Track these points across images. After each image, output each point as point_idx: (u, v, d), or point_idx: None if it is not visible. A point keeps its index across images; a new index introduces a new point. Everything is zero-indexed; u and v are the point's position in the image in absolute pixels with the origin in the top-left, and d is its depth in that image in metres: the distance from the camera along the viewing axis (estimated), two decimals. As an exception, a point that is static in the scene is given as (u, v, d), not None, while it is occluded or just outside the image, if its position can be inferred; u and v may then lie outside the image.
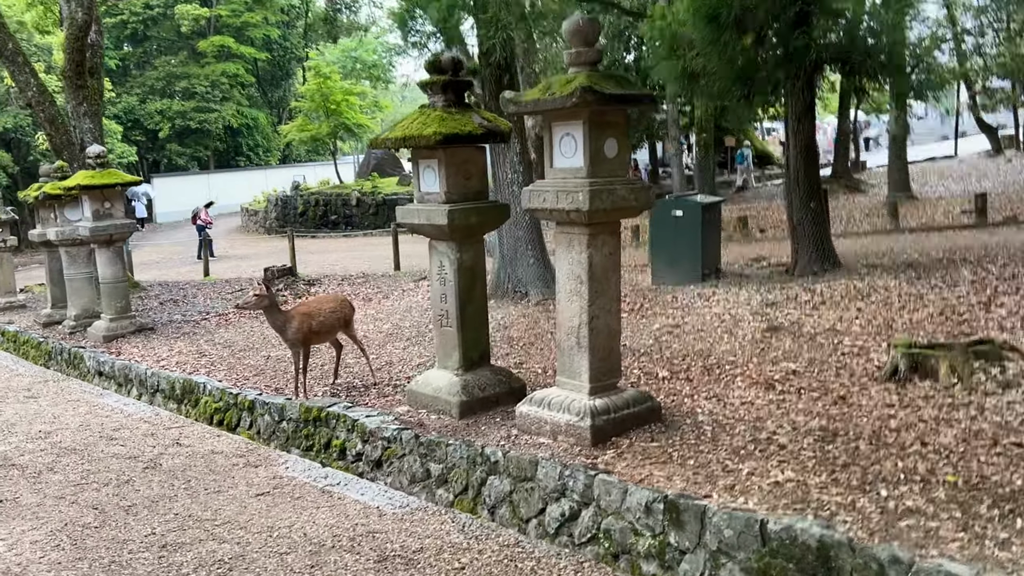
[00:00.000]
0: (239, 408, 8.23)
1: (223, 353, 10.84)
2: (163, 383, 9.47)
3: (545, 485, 5.44)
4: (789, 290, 10.91)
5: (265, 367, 9.85)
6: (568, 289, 6.03)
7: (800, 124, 11.72)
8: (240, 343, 11.39)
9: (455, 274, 6.83)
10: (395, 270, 17.66)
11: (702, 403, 6.70)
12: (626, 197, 5.82)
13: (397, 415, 7.01)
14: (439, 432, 6.48)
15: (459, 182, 6.73)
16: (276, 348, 10.84)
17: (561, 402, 6.02)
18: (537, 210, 5.97)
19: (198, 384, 8.88)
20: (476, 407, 6.83)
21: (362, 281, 16.12)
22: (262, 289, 8.04)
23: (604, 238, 5.96)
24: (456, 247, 6.81)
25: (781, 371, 7.52)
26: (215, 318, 13.78)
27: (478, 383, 6.91)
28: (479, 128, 6.58)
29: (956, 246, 13.49)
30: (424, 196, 6.90)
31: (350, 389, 8.57)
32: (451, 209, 6.58)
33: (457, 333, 6.91)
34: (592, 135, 5.71)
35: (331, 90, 34.58)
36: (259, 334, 11.93)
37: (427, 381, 7.10)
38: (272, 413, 7.79)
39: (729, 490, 4.92)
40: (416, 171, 6.95)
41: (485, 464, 5.86)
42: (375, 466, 6.71)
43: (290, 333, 8.10)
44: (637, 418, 6.09)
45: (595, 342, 5.98)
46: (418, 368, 9.09)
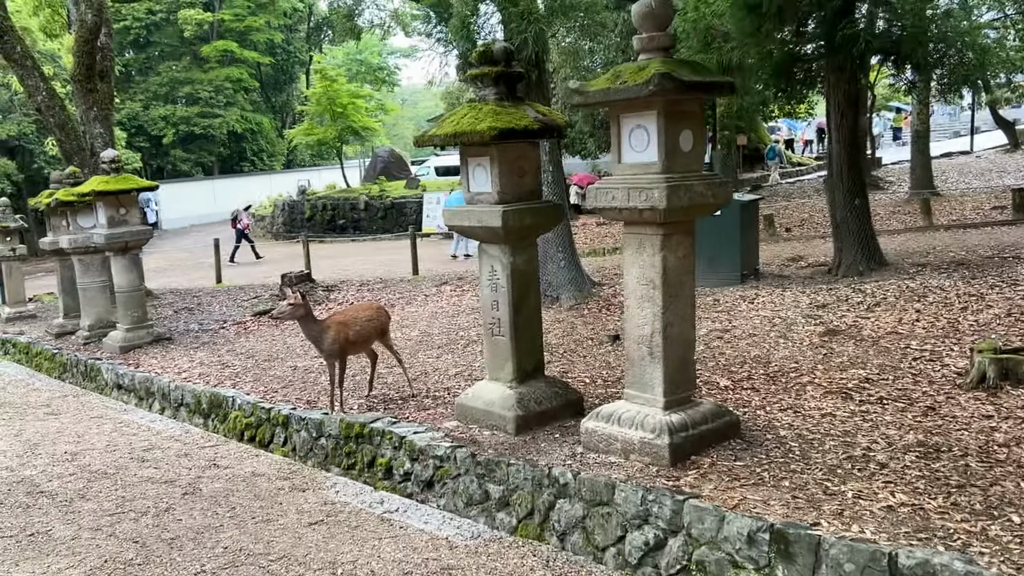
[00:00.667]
0: (272, 423, 7.76)
1: (247, 364, 10.37)
2: (187, 397, 9.00)
3: (625, 510, 4.96)
4: (837, 291, 10.44)
5: (293, 378, 9.38)
6: (638, 294, 5.55)
7: (843, 118, 11.24)
8: (263, 353, 10.92)
9: (508, 279, 6.36)
10: (414, 274, 17.19)
11: (778, 415, 6.22)
12: (703, 193, 5.35)
13: (447, 431, 6.53)
14: (496, 450, 6.01)
15: (513, 181, 6.26)
16: (302, 358, 10.38)
17: (633, 418, 5.54)
18: (605, 209, 5.50)
19: (226, 398, 8.41)
20: (532, 422, 6.35)
21: (381, 287, 15.65)
22: (296, 298, 7.57)
23: (679, 239, 5.49)
24: (509, 250, 6.34)
25: (852, 379, 7.04)
26: (233, 326, 13.32)
27: (534, 396, 6.44)
28: (535, 122, 6.11)
29: (1002, 243, 13.01)
30: (474, 196, 6.43)
31: (387, 402, 8.10)
32: (505, 210, 6.11)
33: (510, 343, 6.44)
34: (667, 127, 5.24)
35: (337, 93, 34.14)
36: (282, 343, 11.47)
37: (478, 394, 6.63)
38: (309, 429, 7.32)
39: (837, 516, 4.44)
40: (465, 170, 6.48)
41: (553, 486, 5.38)
42: (426, 487, 6.24)
43: (326, 344, 7.63)
44: (716, 434, 5.61)
45: (669, 352, 5.51)
46: (455, 378, 8.63)
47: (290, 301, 7.62)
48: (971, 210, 19.21)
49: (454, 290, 14.36)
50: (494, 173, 6.22)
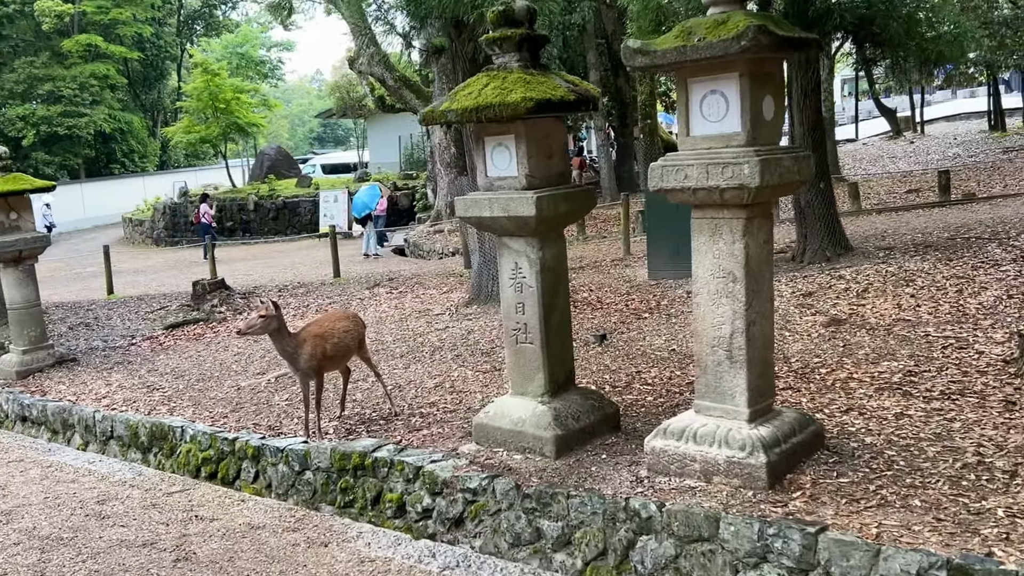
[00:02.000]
0: (238, 457, 6.61)
1: (177, 385, 9.08)
2: (119, 428, 7.70)
3: (735, 547, 4.16)
4: (815, 278, 9.97)
5: (240, 400, 8.20)
6: (712, 289, 4.76)
7: (807, 99, 10.80)
8: (193, 372, 9.63)
9: (537, 277, 5.46)
10: (335, 277, 15.98)
11: (844, 419, 5.56)
12: (791, 169, 4.61)
13: (469, 457, 5.58)
14: (541, 478, 5.11)
15: (541, 162, 5.37)
16: (242, 375, 9.17)
17: (712, 433, 4.75)
18: (674, 190, 4.68)
19: (172, 428, 7.18)
20: (572, 442, 5.48)
21: (304, 292, 14.41)
22: (268, 307, 6.45)
23: (760, 223, 4.74)
24: (538, 244, 5.45)
25: (892, 372, 6.48)
26: (145, 342, 11.87)
27: (570, 411, 5.56)
28: (570, 93, 5.23)
29: (949, 224, 12.90)
30: (493, 182, 5.50)
31: (366, 423, 7.07)
32: (539, 196, 5.21)
33: (541, 351, 5.54)
34: (752, 91, 4.47)
35: (220, 88, 32.16)
36: (211, 360, 10.18)
37: (501, 412, 5.70)
38: (291, 462, 6.22)
39: (1005, 541, 3.77)
40: (481, 152, 5.54)
41: (632, 520, 4.53)
42: (453, 526, 5.28)
43: (303, 360, 6.55)
44: (805, 447, 4.89)
45: (752, 355, 4.74)
46: (437, 392, 7.68)
47: (260, 313, 6.49)
48: (886, 194, 19.39)
49: (390, 292, 13.29)
50: (521, 153, 5.31)
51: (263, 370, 9.34)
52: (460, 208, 5.58)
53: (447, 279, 14.07)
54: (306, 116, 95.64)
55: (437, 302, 11.98)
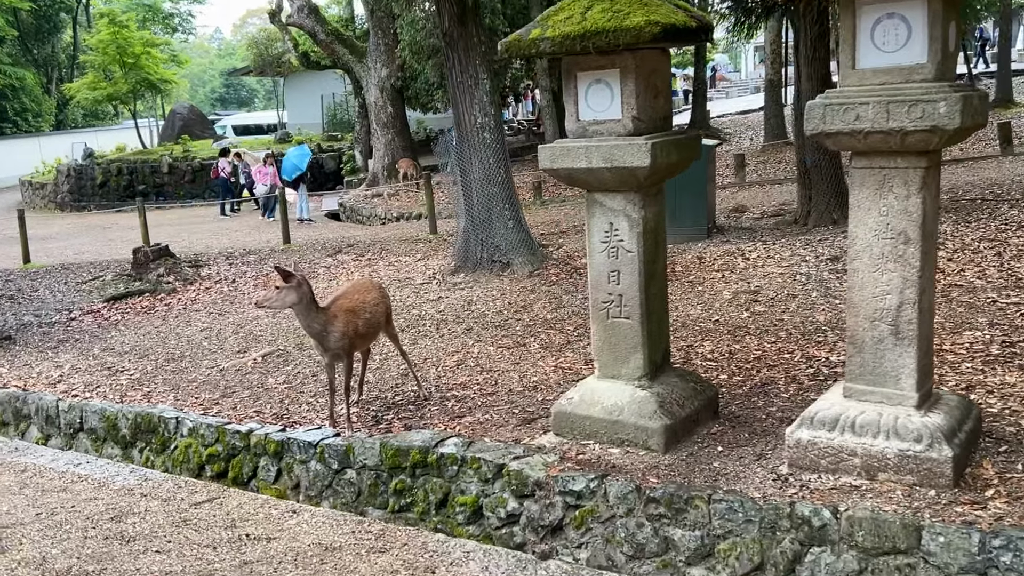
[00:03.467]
0: (255, 453, 5.62)
1: (144, 366, 7.95)
2: (92, 419, 6.58)
3: (944, 561, 3.47)
4: (830, 242, 9.41)
5: (228, 383, 7.16)
6: (877, 253, 4.03)
7: (815, 52, 10.18)
8: (157, 351, 8.49)
9: (638, 241, 4.64)
10: (286, 243, 14.76)
11: (975, 398, 4.93)
12: (979, 109, 3.88)
13: (559, 452, 4.75)
14: (656, 477, 4.33)
15: (648, 102, 4.53)
16: (219, 354, 8.10)
17: (875, 422, 4.04)
18: (838, 134, 3.91)
19: (165, 420, 6.12)
20: (679, 432, 4.71)
21: (256, 260, 13.19)
22: (299, 278, 5.43)
23: (935, 174, 4.02)
24: (641, 200, 4.62)
25: (984, 342, 5.93)
26: (86, 316, 10.57)
27: (674, 397, 4.79)
28: (691, 20, 4.39)
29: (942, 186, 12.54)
30: (587, 127, 4.63)
31: (392, 408, 6.17)
32: (654, 143, 4.37)
33: (640, 327, 4.73)
34: (944, 13, 3.72)
35: (129, 41, 29.91)
36: (174, 336, 9.04)
37: (592, 398, 4.87)
38: (327, 459, 5.27)
39: None
40: (572, 91, 4.65)
41: (799, 529, 3.79)
42: (549, 534, 4.46)
43: (333, 339, 5.57)
44: (974, 435, 4.23)
45: (923, 330, 4.04)
46: (462, 371, 6.82)
47: (277, 284, 5.47)
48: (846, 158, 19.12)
49: (357, 260, 12.23)
50: (627, 92, 4.45)
51: (242, 348, 8.27)
52: (545, 158, 4.69)
53: (414, 245, 13.09)
54: (206, 76, 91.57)
55: (415, 270, 11.02)
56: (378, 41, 23.60)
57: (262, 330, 8.84)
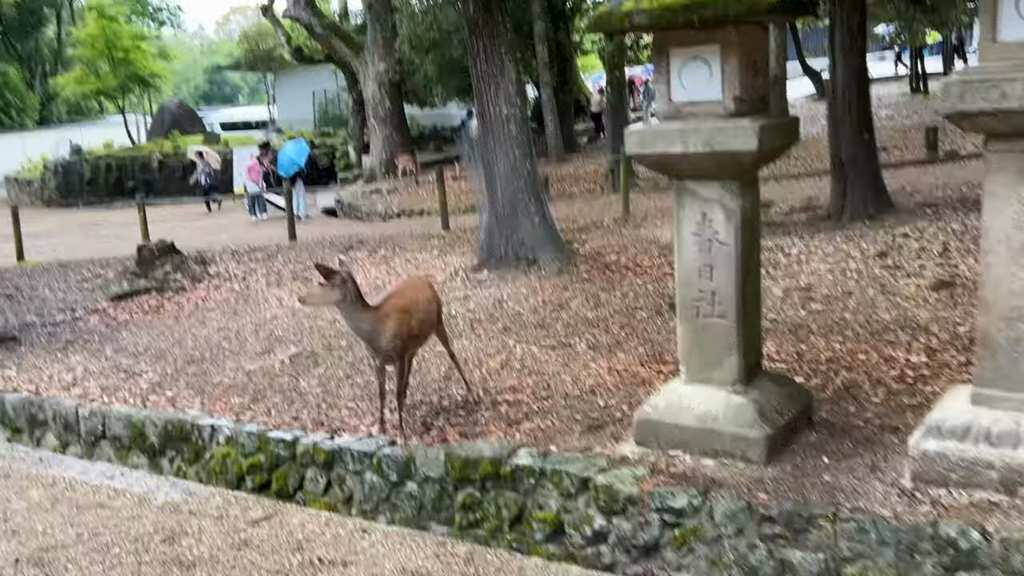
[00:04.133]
0: (301, 463, 5.20)
1: (164, 369, 7.50)
2: (116, 426, 6.13)
3: (1120, 589, 3.11)
4: (873, 237, 9.06)
5: (256, 386, 6.73)
6: (1016, 245, 3.67)
7: (853, 40, 9.84)
8: (175, 352, 8.04)
9: (736, 233, 4.26)
10: (291, 239, 14.29)
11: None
12: None
13: (649, 465, 4.36)
14: (764, 492, 3.95)
15: (750, 81, 4.14)
16: (243, 356, 7.67)
17: (1014, 431, 3.68)
18: (979, 114, 3.54)
19: (200, 427, 5.68)
20: (779, 442, 4.33)
21: (264, 256, 12.71)
22: (344, 274, 5.02)
23: (1085, 159, 3.66)
24: (739, 189, 4.24)
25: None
26: (91, 316, 10.10)
27: (771, 403, 4.41)
28: (801, -11, 4.01)
29: (962, 180, 12.23)
30: (681, 108, 4.23)
31: (441, 413, 5.77)
32: (762, 126, 3.98)
33: (735, 327, 4.35)
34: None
35: (118, 35, 29.29)
36: (189, 336, 8.59)
37: (679, 405, 4.48)
38: (384, 470, 4.86)
39: None
40: (664, 69, 4.26)
41: (943, 552, 3.42)
42: (644, 554, 4.07)
43: (385, 341, 5.16)
44: (1116, 444, 3.87)
45: (1066, 330, 3.68)
46: (508, 373, 6.44)
47: (320, 281, 5.05)
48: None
49: (371, 257, 11.79)
50: (730, 70, 4.06)
51: (266, 349, 7.83)
52: (634, 143, 4.30)
53: (427, 241, 12.65)
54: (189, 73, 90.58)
55: (435, 267, 10.60)
56: (376, 35, 23.14)
57: (284, 330, 8.40)
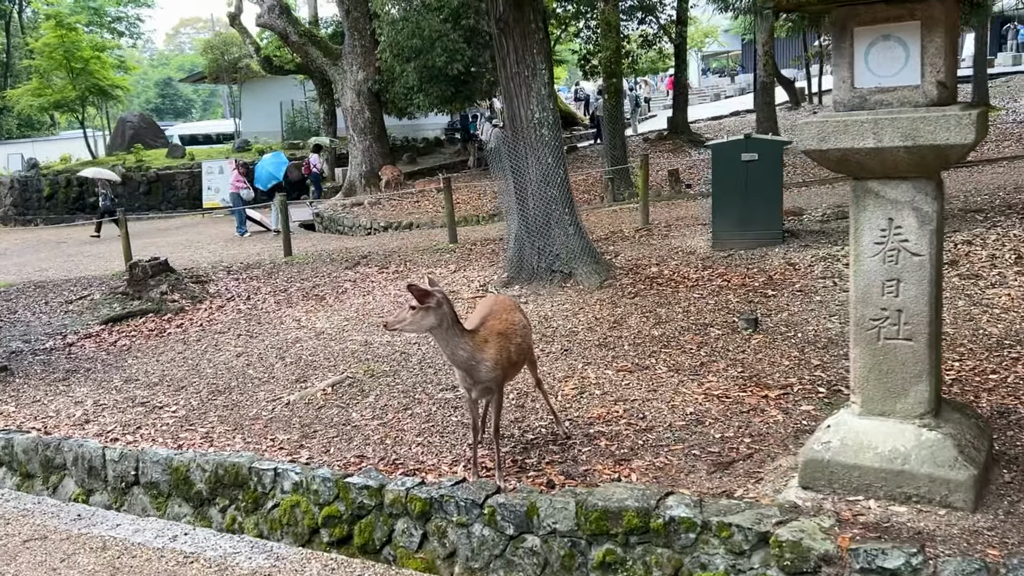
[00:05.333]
0: (390, 513, 4.48)
1: (187, 400, 6.73)
2: (153, 471, 5.35)
3: None
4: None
5: (302, 421, 6.00)
6: None
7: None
8: (193, 380, 7.26)
9: (929, 240, 3.66)
10: (287, 255, 13.45)
11: None
12: None
13: (832, 513, 3.73)
14: (989, 545, 3.34)
15: (952, 64, 3.55)
16: (274, 383, 6.93)
17: None
18: None
19: (260, 472, 4.93)
20: (982, 484, 3.73)
21: (263, 274, 11.91)
22: (437, 297, 4.31)
23: None
24: (933, 190, 3.64)
25: None
26: (85, 341, 9.24)
27: (967, 438, 3.81)
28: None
29: (987, 185, 11.92)
30: (868, 96, 3.63)
31: (529, 448, 5.12)
32: (979, 114, 3.40)
33: (926, 349, 3.75)
34: None
35: (77, 44, 28.10)
36: (207, 363, 7.81)
37: (858, 442, 3.86)
38: (501, 521, 4.17)
39: None
40: (846, 51, 3.65)
41: None
42: (845, 624, 3.43)
43: (485, 370, 4.47)
44: None
45: None
46: (585, 400, 5.80)
47: (413, 304, 4.34)
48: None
49: (382, 272, 11.06)
50: (932, 51, 3.47)
51: (300, 377, 7.09)
52: (810, 136, 3.68)
53: (437, 255, 11.95)
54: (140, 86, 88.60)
55: (457, 282, 9.91)
56: (354, 43, 22.38)
57: (312, 355, 7.65)
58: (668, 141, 26.12)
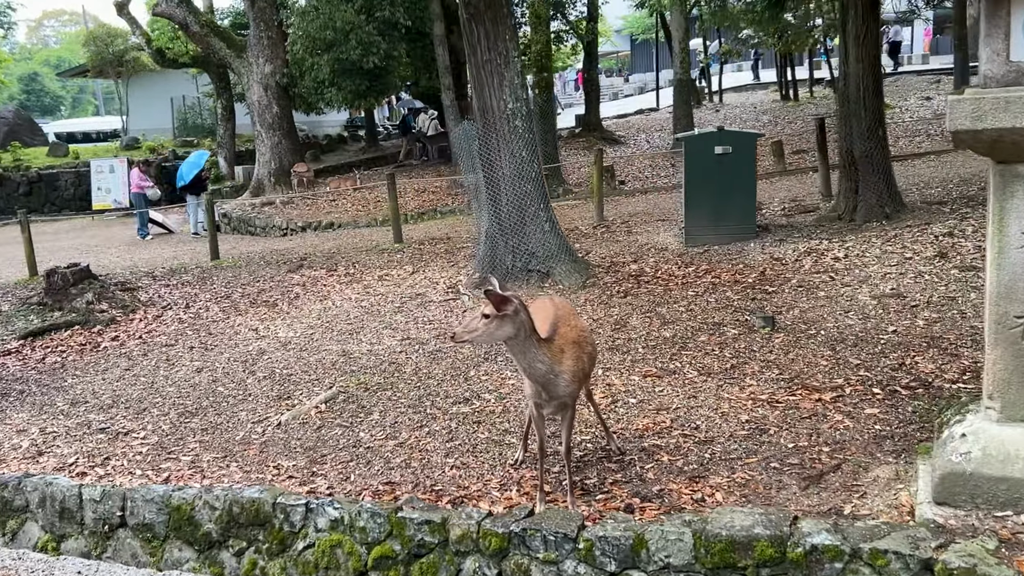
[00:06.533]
0: (457, 551, 3.90)
1: (156, 424, 5.95)
2: (145, 511, 4.59)
3: None
4: (903, 237, 8.51)
5: (305, 443, 5.34)
6: None
7: (867, 29, 9.27)
8: (156, 401, 6.46)
9: (1085, 230, 3.34)
10: (215, 259, 12.46)
11: None
12: None
13: (994, 533, 3.37)
14: None
15: (1116, 37, 3.24)
16: (252, 402, 6.20)
17: None
18: None
19: (287, 508, 4.26)
20: None
21: (198, 281, 10.93)
22: (515, 304, 3.77)
23: None
24: (1091, 174, 3.33)
25: None
26: (3, 359, 8.20)
27: (1115, 442, 3.51)
28: None
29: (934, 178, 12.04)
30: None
31: (586, 467, 4.63)
32: None
33: (1077, 350, 3.43)
34: None
35: (-56, 34, 25.77)
36: (165, 380, 7.00)
37: (1004, 452, 3.51)
38: (600, 556, 3.65)
39: None
40: (1000, 21, 3.30)
41: None
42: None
43: (563, 383, 3.97)
44: None
45: None
46: (622, 410, 5.33)
47: (486, 311, 3.79)
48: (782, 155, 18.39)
49: (330, 274, 10.30)
50: (1104, 19, 3.15)
51: (281, 392, 6.38)
52: (966, 115, 3.30)
53: (386, 255, 11.26)
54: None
55: (420, 284, 9.29)
56: (260, 34, 21.24)
57: (287, 368, 6.94)
58: (581, 139, 25.90)
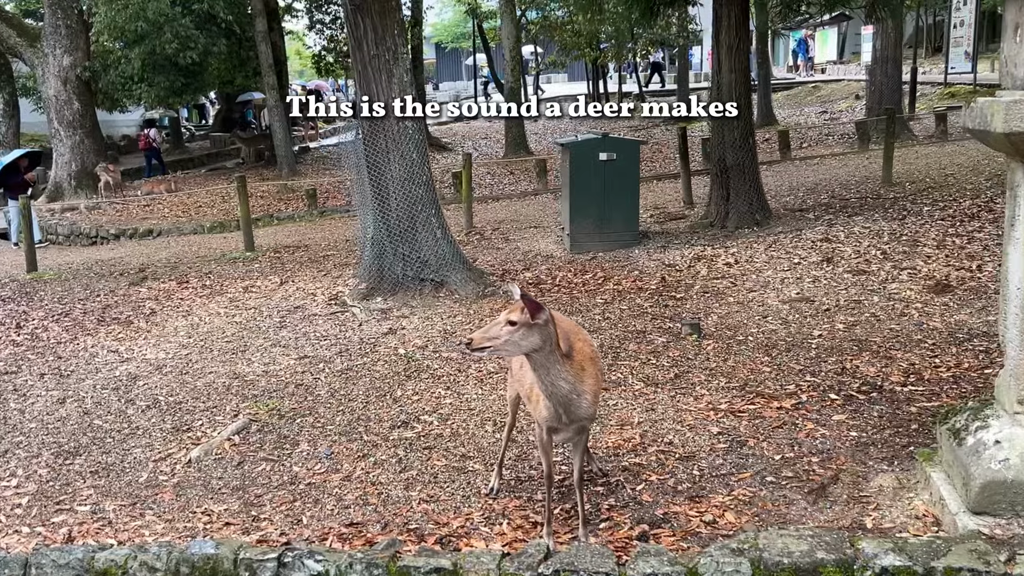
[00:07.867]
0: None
1: (29, 470, 5.06)
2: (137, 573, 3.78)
3: None
4: (782, 243, 8.75)
5: (236, 486, 4.67)
6: None
7: (738, 39, 9.46)
8: (10, 439, 5.50)
9: (1117, 233, 3.36)
10: (31, 271, 10.99)
11: None
12: None
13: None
14: None
15: None
16: (141, 437, 5.41)
17: None
18: None
19: (253, 563, 3.60)
20: None
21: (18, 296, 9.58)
22: (547, 313, 3.36)
23: None
24: (1126, 178, 3.35)
25: None
26: None
27: None
28: None
29: (789, 186, 12.54)
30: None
31: (570, 492, 4.26)
32: None
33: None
34: None
35: None
36: (14, 409, 5.97)
37: (1037, 457, 3.47)
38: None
39: None
40: None
41: None
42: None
43: (586, 404, 3.58)
44: None
45: None
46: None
47: (512, 317, 3.36)
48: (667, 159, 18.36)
49: (182, 286, 9.32)
50: None
51: (175, 424, 5.58)
52: (999, 118, 3.22)
53: (237, 265, 10.38)
54: None
55: (296, 296, 8.56)
56: (57, 22, 19.27)
57: (171, 394, 6.12)
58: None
